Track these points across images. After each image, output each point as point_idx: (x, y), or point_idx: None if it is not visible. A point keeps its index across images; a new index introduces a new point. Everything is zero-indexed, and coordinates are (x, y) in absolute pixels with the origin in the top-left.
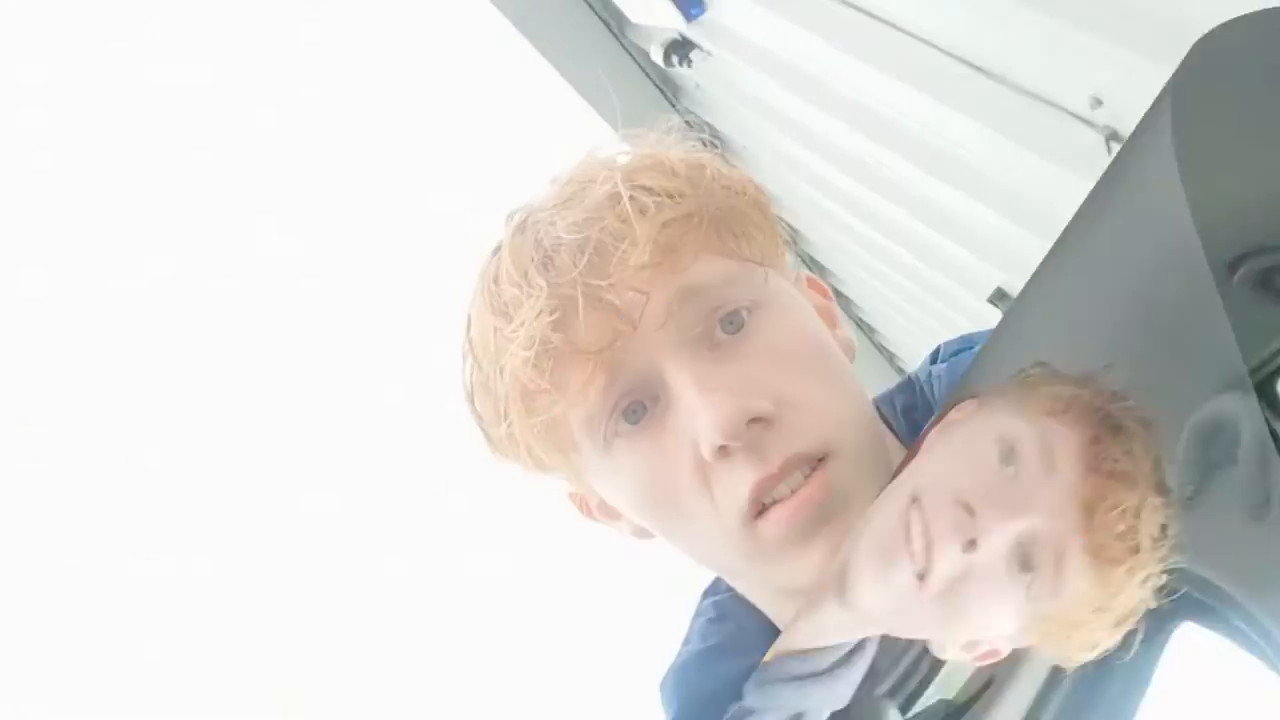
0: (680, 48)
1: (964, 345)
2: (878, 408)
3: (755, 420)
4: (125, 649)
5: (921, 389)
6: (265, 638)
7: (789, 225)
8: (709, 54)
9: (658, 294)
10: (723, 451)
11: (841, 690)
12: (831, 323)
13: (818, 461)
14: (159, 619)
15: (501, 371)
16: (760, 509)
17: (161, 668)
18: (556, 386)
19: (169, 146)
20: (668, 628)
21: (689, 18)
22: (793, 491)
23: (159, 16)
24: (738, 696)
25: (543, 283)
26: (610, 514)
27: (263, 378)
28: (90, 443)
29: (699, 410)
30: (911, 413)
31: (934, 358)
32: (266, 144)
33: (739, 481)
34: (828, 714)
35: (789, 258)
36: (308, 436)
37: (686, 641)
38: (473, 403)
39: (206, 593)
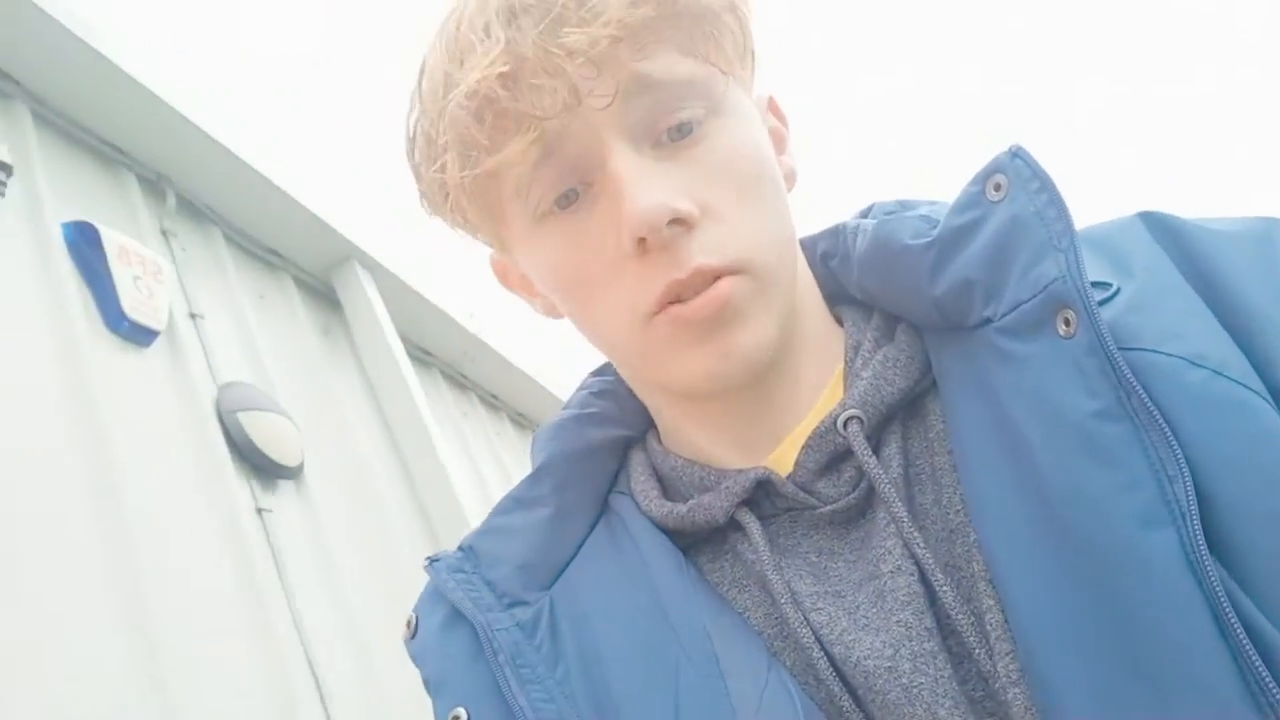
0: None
1: (898, 207)
2: (801, 246)
3: (677, 221)
4: None
5: (845, 239)
6: None
7: None
8: None
9: (610, 74)
10: (641, 245)
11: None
12: (780, 147)
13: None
14: None
15: (443, 115)
16: (662, 307)
17: None
18: (493, 143)
19: None
20: None
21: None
22: (696, 294)
23: None
24: (602, 458)
25: (502, 36)
26: (528, 288)
27: None
28: None
29: (628, 198)
30: (829, 259)
31: (865, 212)
32: None
33: (652, 279)
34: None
35: (754, 74)
36: None
37: (567, 406)
38: (412, 153)
39: None
